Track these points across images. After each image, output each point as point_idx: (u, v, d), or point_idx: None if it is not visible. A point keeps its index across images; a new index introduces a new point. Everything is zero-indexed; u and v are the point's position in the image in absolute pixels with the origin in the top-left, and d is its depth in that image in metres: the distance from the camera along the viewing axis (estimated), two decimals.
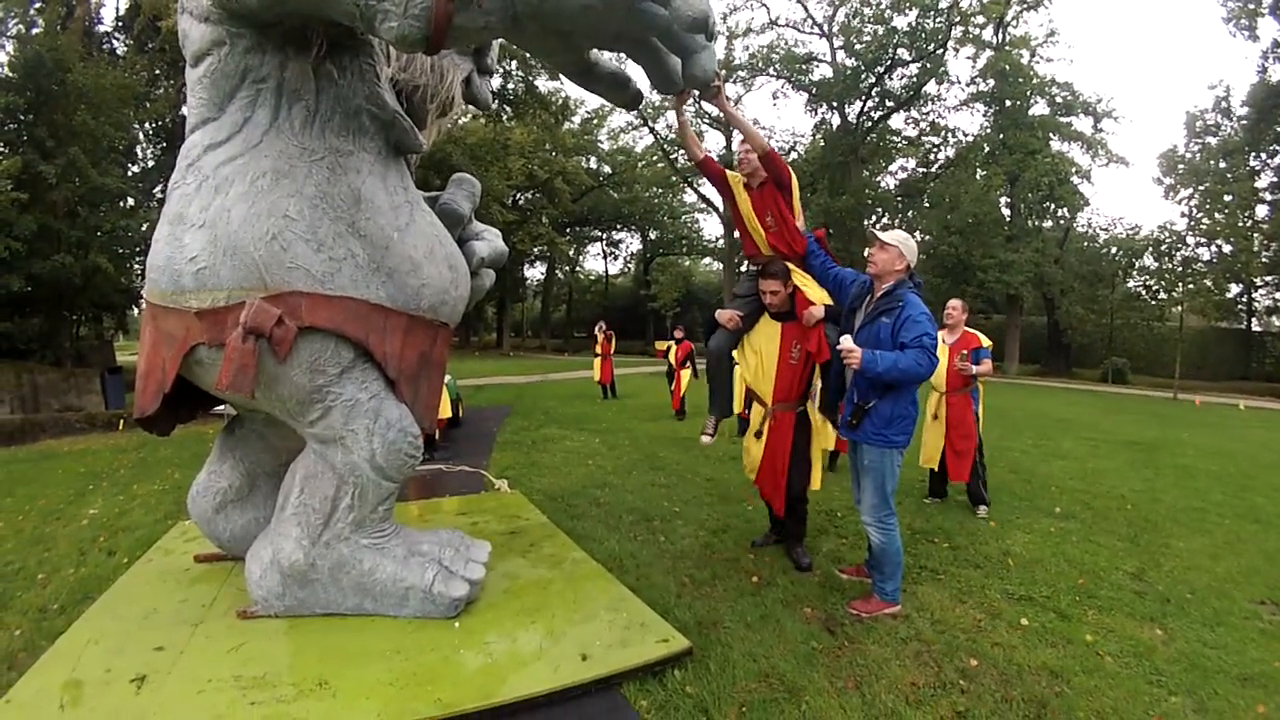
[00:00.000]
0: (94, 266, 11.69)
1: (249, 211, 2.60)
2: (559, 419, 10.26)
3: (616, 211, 39.10)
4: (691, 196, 37.06)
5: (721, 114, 3.73)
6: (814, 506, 5.06)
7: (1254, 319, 26.92)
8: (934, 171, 29.34)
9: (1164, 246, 22.70)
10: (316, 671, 2.55)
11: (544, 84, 24.30)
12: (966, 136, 28.24)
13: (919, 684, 2.71)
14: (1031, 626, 3.26)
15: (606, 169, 38.17)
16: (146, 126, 16.33)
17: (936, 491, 5.58)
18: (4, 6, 13.48)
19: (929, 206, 28.37)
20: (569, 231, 39.27)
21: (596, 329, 13.82)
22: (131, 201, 13.94)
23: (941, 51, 25.86)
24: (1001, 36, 26.42)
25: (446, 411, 7.67)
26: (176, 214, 2.66)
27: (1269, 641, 3.18)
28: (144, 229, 12.29)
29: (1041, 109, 26.23)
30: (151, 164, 16.70)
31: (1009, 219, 26.25)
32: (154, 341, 2.77)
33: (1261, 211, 23.10)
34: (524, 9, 2.25)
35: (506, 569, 3.57)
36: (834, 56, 28.49)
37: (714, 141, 31.84)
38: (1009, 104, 25.89)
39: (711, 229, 41.20)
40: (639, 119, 32.09)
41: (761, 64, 29.24)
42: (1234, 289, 24.19)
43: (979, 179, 26.00)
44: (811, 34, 29.39)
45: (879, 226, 29.17)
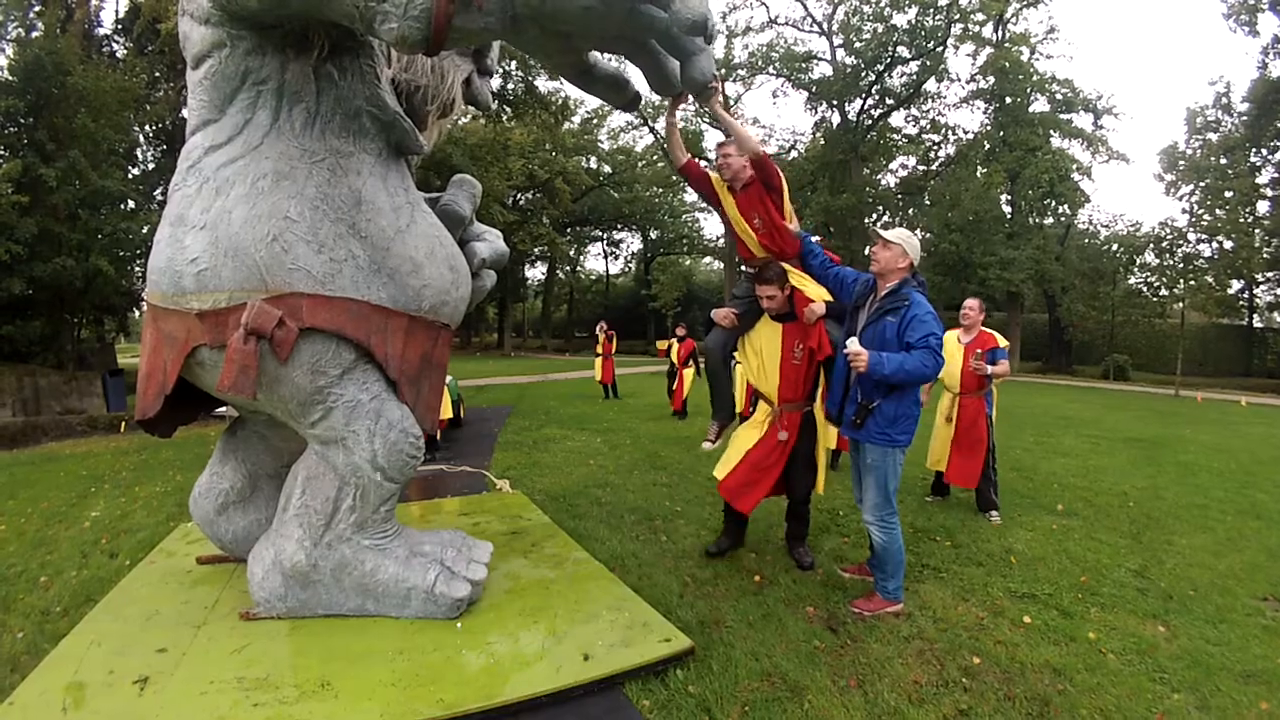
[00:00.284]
0: (95, 269, 11.71)
1: (250, 213, 2.60)
2: (560, 419, 10.26)
3: (617, 211, 39.10)
4: (691, 196, 37.00)
5: (716, 118, 3.72)
6: (816, 505, 5.05)
7: (1255, 315, 26.86)
8: (934, 169, 29.30)
9: (1165, 243, 22.67)
10: (319, 672, 2.56)
11: (544, 84, 24.24)
12: (967, 134, 28.20)
13: (921, 682, 2.71)
14: (1034, 624, 3.25)
15: (607, 169, 38.18)
16: (147, 129, 16.35)
17: (939, 490, 5.50)
18: (4, 9, 13.49)
19: (929, 204, 28.33)
20: (569, 231, 39.30)
21: (597, 329, 13.81)
22: (132, 204, 13.95)
23: (941, 49, 25.82)
24: (1001, 33, 26.37)
25: (448, 412, 7.68)
26: (177, 216, 2.66)
27: (1272, 638, 3.17)
28: (145, 231, 12.31)
29: (1042, 106, 26.18)
30: (152, 166, 16.73)
31: (1010, 216, 26.21)
32: (155, 343, 2.78)
33: (1263, 207, 23.04)
34: (524, 10, 2.25)
35: (508, 569, 3.57)
36: (834, 55, 28.47)
37: (713, 140, 31.79)
38: (1009, 101, 25.83)
39: (712, 228, 41.21)
40: (639, 119, 32.09)
41: (761, 62, 29.20)
42: (1235, 285, 24.11)
43: (979, 176, 25.96)
44: (811, 32, 29.38)
45: (881, 225, 29.17)
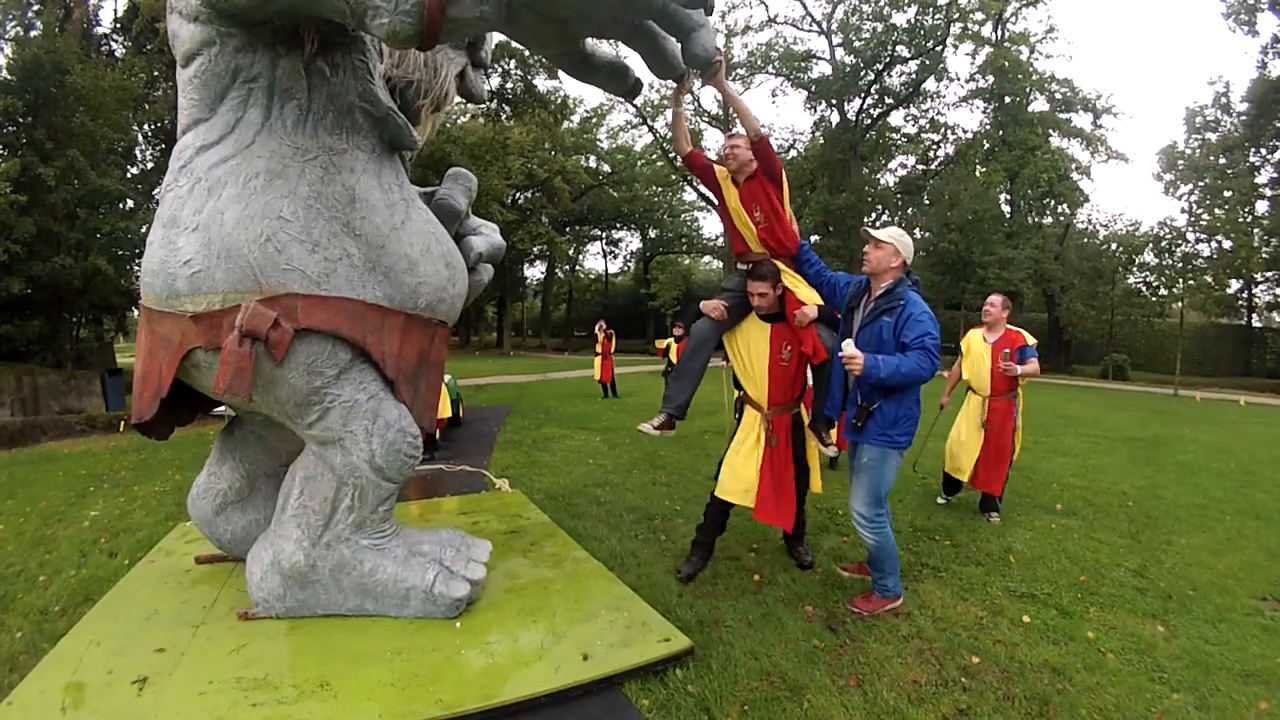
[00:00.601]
0: (94, 268, 11.68)
1: (242, 213, 2.58)
2: (559, 418, 10.25)
3: (616, 210, 39.05)
4: (691, 195, 37.05)
5: (720, 96, 3.64)
6: (815, 505, 5.06)
7: (1254, 315, 26.86)
8: (933, 169, 29.32)
9: (1164, 243, 22.64)
10: (318, 673, 2.55)
11: (543, 83, 24.25)
12: (966, 133, 28.27)
13: (921, 682, 2.71)
14: (1033, 624, 3.25)
15: (606, 168, 38.12)
16: (145, 128, 16.29)
17: (951, 488, 5.30)
18: (2, 8, 13.46)
19: (929, 204, 28.32)
20: (569, 230, 39.24)
21: (597, 328, 13.80)
22: (131, 203, 13.93)
23: (940, 48, 25.83)
24: (1000, 33, 26.39)
25: (446, 411, 7.67)
26: (169, 217, 2.64)
27: (1271, 638, 3.17)
28: (143, 230, 12.26)
29: (1041, 105, 26.22)
30: (151, 165, 16.67)
31: (1009, 216, 26.23)
32: (150, 346, 2.76)
33: (1262, 207, 23.03)
34: None
35: (507, 568, 3.57)
36: (833, 54, 28.46)
37: (712, 139, 31.81)
38: (1008, 100, 25.86)
39: (711, 227, 41.18)
40: (638, 118, 32.08)
41: (760, 62, 29.22)
42: (1234, 285, 24.11)
43: (979, 176, 25.98)
44: (810, 31, 29.38)
45: (880, 224, 29.14)
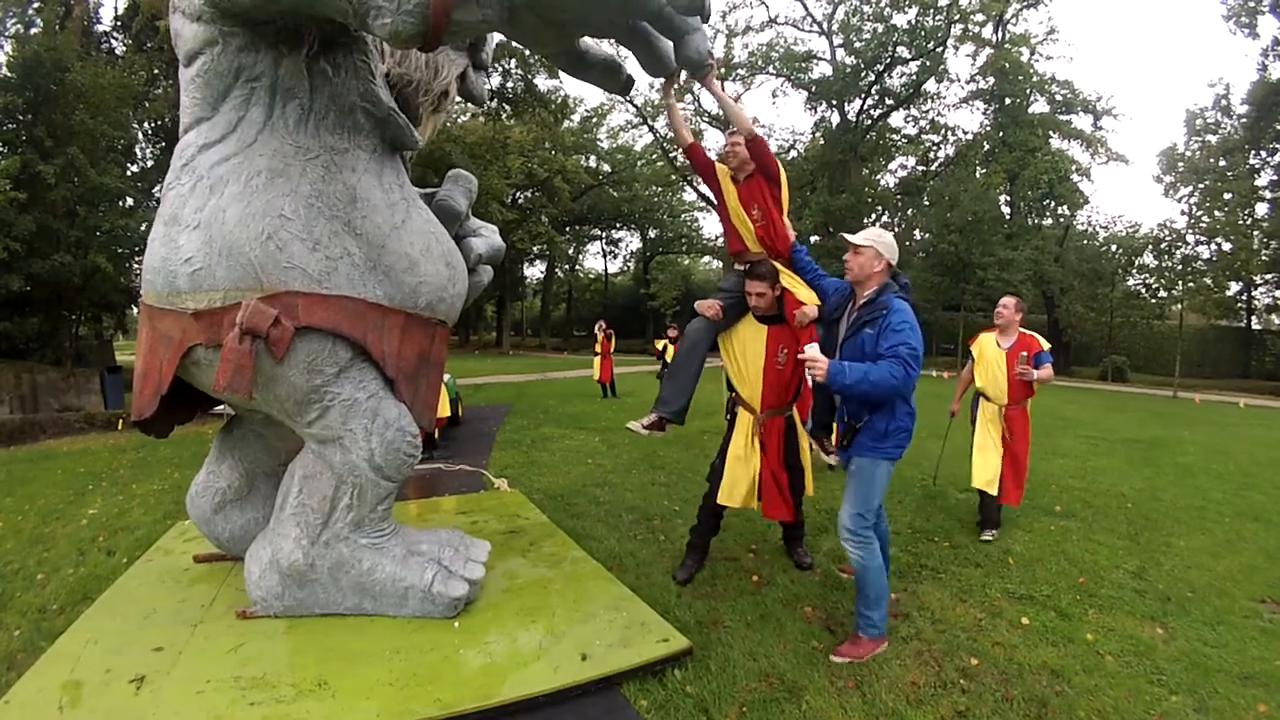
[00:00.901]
0: (93, 266, 11.67)
1: (244, 211, 2.58)
2: (558, 418, 10.25)
3: (616, 210, 39.07)
4: (691, 195, 37.08)
5: (713, 97, 3.64)
6: (815, 506, 5.06)
7: (1254, 317, 26.91)
8: (934, 169, 29.35)
9: (1164, 244, 22.67)
10: (316, 672, 2.55)
11: (543, 82, 24.24)
12: (966, 134, 28.31)
13: (919, 683, 2.71)
14: (1032, 625, 3.25)
15: (606, 167, 38.14)
16: (145, 126, 16.28)
17: (991, 522, 4.65)
18: (3, 6, 13.44)
19: (928, 205, 28.34)
20: (568, 230, 39.25)
21: (596, 328, 13.81)
22: (131, 201, 13.91)
23: (941, 49, 25.86)
24: (1001, 34, 26.41)
25: (446, 410, 7.67)
26: (171, 215, 2.64)
27: (1270, 640, 3.17)
28: (143, 228, 12.24)
29: (1041, 107, 26.25)
30: (150, 163, 16.65)
31: (1009, 217, 26.26)
32: (151, 343, 2.76)
33: (1261, 209, 23.06)
34: (522, 1, 2.24)
35: (506, 568, 3.56)
36: (833, 54, 28.49)
37: (712, 139, 31.81)
38: (1009, 102, 25.89)
39: (711, 228, 41.18)
40: (638, 118, 32.11)
41: (761, 62, 29.24)
42: (1234, 287, 24.12)
43: (979, 177, 26.01)
44: (811, 32, 29.40)
45: (879, 225, 29.07)
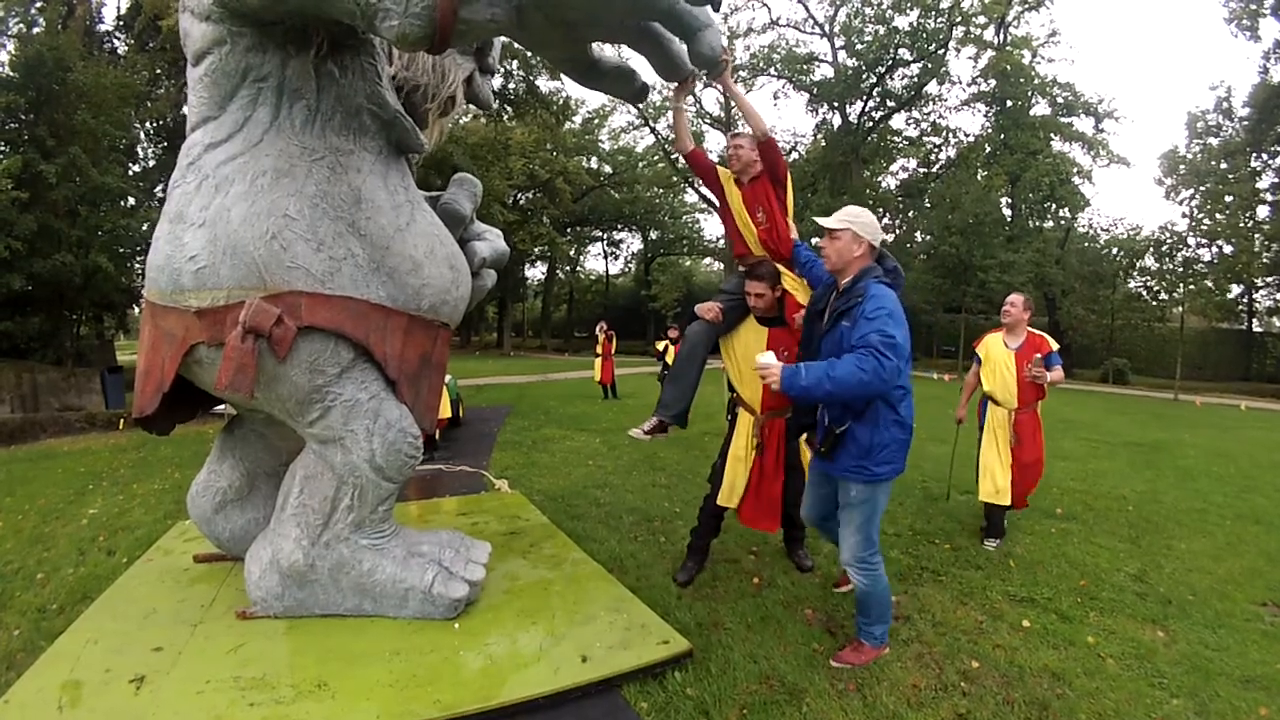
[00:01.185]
0: (94, 266, 11.67)
1: (249, 211, 2.59)
2: (559, 419, 10.25)
3: (617, 211, 39.11)
4: (692, 197, 37.09)
5: (726, 95, 3.62)
6: None
7: (1255, 320, 26.93)
8: (935, 172, 29.39)
9: (1165, 247, 22.67)
10: (316, 673, 2.55)
11: (545, 84, 24.27)
12: (967, 137, 28.37)
13: (920, 686, 2.71)
14: (1033, 628, 3.25)
15: (607, 169, 38.19)
16: (147, 126, 16.32)
17: (996, 531, 4.48)
18: (5, 5, 13.46)
19: (930, 207, 28.35)
20: (570, 231, 39.28)
21: (597, 329, 13.81)
22: (132, 201, 13.92)
23: (943, 52, 25.90)
24: (1003, 37, 26.45)
25: (447, 412, 7.67)
26: (176, 213, 2.65)
27: (1271, 643, 3.17)
28: (144, 228, 12.26)
29: (1043, 109, 26.28)
30: (152, 163, 16.69)
31: (1010, 219, 26.26)
32: (153, 341, 2.77)
33: (1263, 212, 23.09)
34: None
35: (506, 570, 3.56)
36: (835, 56, 28.53)
37: (714, 141, 31.86)
38: (1010, 104, 25.93)
39: (712, 229, 41.21)
40: (640, 119, 32.13)
41: (763, 64, 29.29)
42: (1235, 290, 24.15)
43: (980, 179, 26.02)
44: (813, 34, 29.46)
45: (882, 226, 29.02)
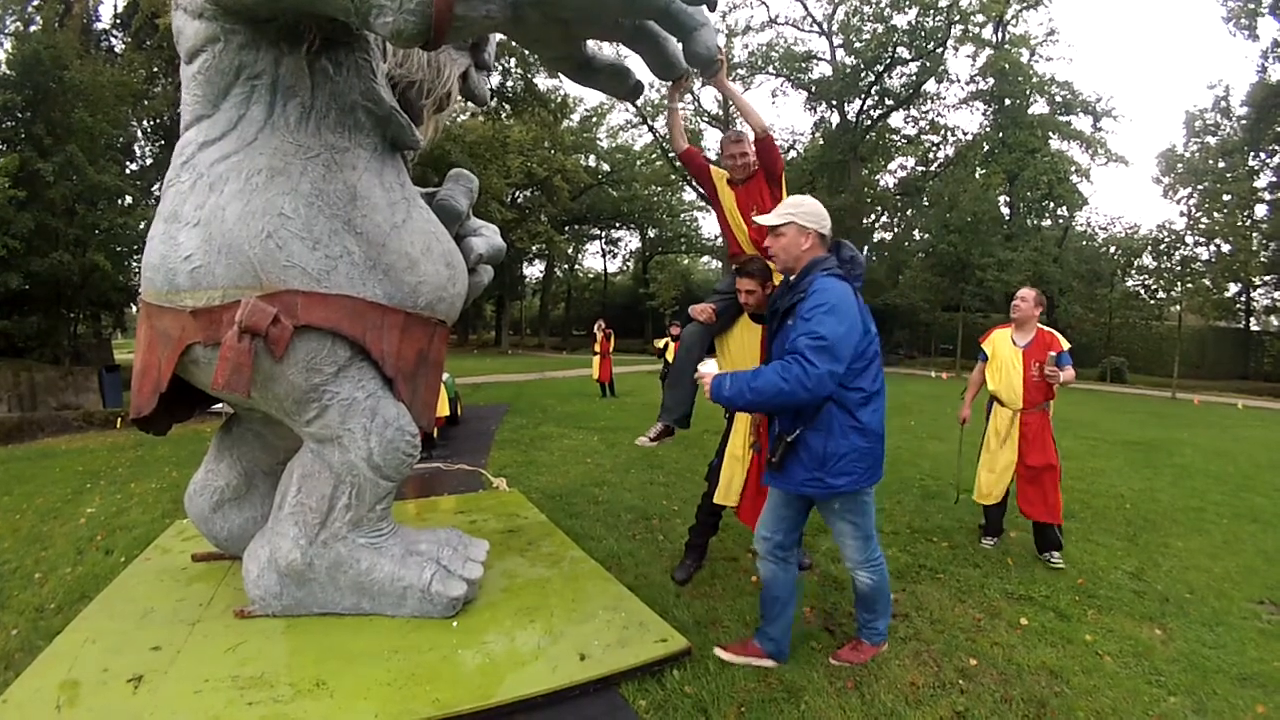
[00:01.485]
0: (92, 264, 11.65)
1: (244, 209, 2.58)
2: (557, 417, 10.25)
3: (615, 209, 39.07)
4: (690, 194, 37.06)
5: (722, 95, 3.61)
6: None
7: (1252, 318, 26.93)
8: (933, 170, 29.38)
9: (1163, 246, 22.67)
10: (314, 671, 2.55)
11: (543, 82, 24.22)
12: (966, 135, 28.35)
13: (918, 684, 2.71)
14: (1031, 626, 3.25)
15: (605, 167, 38.15)
16: (144, 124, 16.27)
17: (993, 529, 4.40)
18: (2, 4, 13.43)
19: (928, 205, 28.36)
20: (568, 229, 39.24)
21: (595, 327, 13.81)
22: (130, 199, 13.89)
23: (941, 50, 25.88)
24: (1001, 35, 26.44)
25: (444, 410, 7.66)
26: (171, 212, 2.64)
27: (1268, 641, 3.18)
28: (142, 227, 12.24)
29: (1041, 108, 26.28)
30: (150, 162, 16.65)
31: (1008, 218, 26.27)
32: (149, 341, 2.76)
33: (1260, 211, 23.13)
34: None
35: (505, 568, 3.56)
36: (833, 55, 28.50)
37: (712, 138, 31.81)
38: (1008, 103, 25.92)
39: (710, 227, 41.12)
40: (638, 118, 32.09)
41: (761, 62, 29.26)
42: (1232, 288, 24.16)
43: (978, 177, 26.00)
44: (811, 32, 29.43)
45: (880, 224, 28.98)
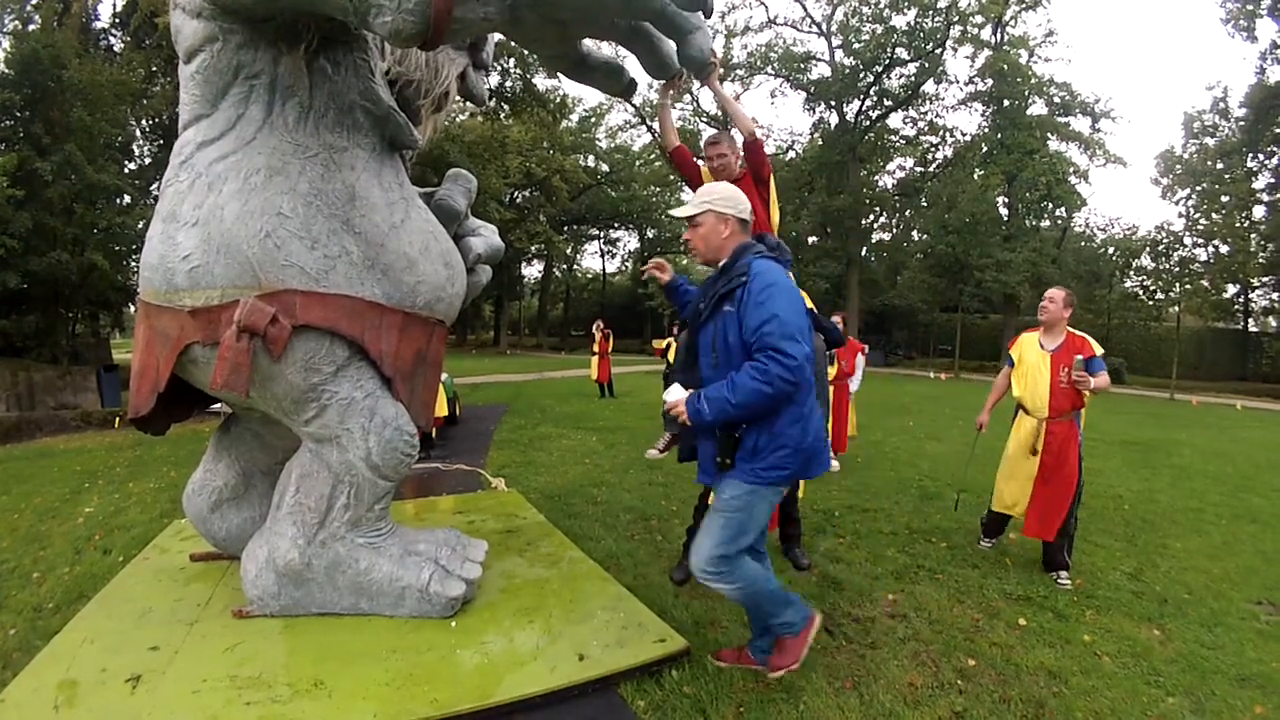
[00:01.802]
0: (90, 264, 11.64)
1: (242, 209, 2.58)
2: (556, 417, 10.24)
3: (614, 210, 39.08)
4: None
5: (715, 96, 3.61)
6: (812, 506, 5.07)
7: (1251, 319, 27.02)
8: (932, 171, 29.35)
9: (1161, 247, 22.68)
10: (312, 671, 2.54)
11: (542, 82, 24.21)
12: (964, 136, 28.29)
13: (917, 684, 2.71)
14: (1029, 626, 3.25)
15: (604, 167, 38.16)
16: (143, 123, 16.26)
17: (994, 530, 4.33)
18: (1, 3, 13.41)
19: (926, 206, 28.38)
20: (566, 230, 39.27)
21: (594, 327, 13.82)
22: (128, 199, 13.89)
23: (940, 51, 25.85)
24: (1000, 36, 26.42)
25: (443, 410, 7.66)
26: (169, 212, 2.64)
27: (1266, 642, 3.18)
28: (140, 226, 12.24)
29: (1039, 109, 26.26)
30: (148, 161, 16.63)
31: (1006, 219, 26.26)
32: (148, 340, 2.75)
33: (1259, 212, 23.19)
34: None
35: (503, 568, 3.56)
36: (832, 55, 28.47)
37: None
38: (1007, 104, 25.90)
39: None
40: (636, 118, 32.07)
41: (760, 63, 29.20)
42: (1231, 289, 24.24)
43: (977, 178, 25.99)
44: (810, 33, 29.36)
45: (879, 225, 28.87)
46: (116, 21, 16.76)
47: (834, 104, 28.74)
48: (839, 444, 6.50)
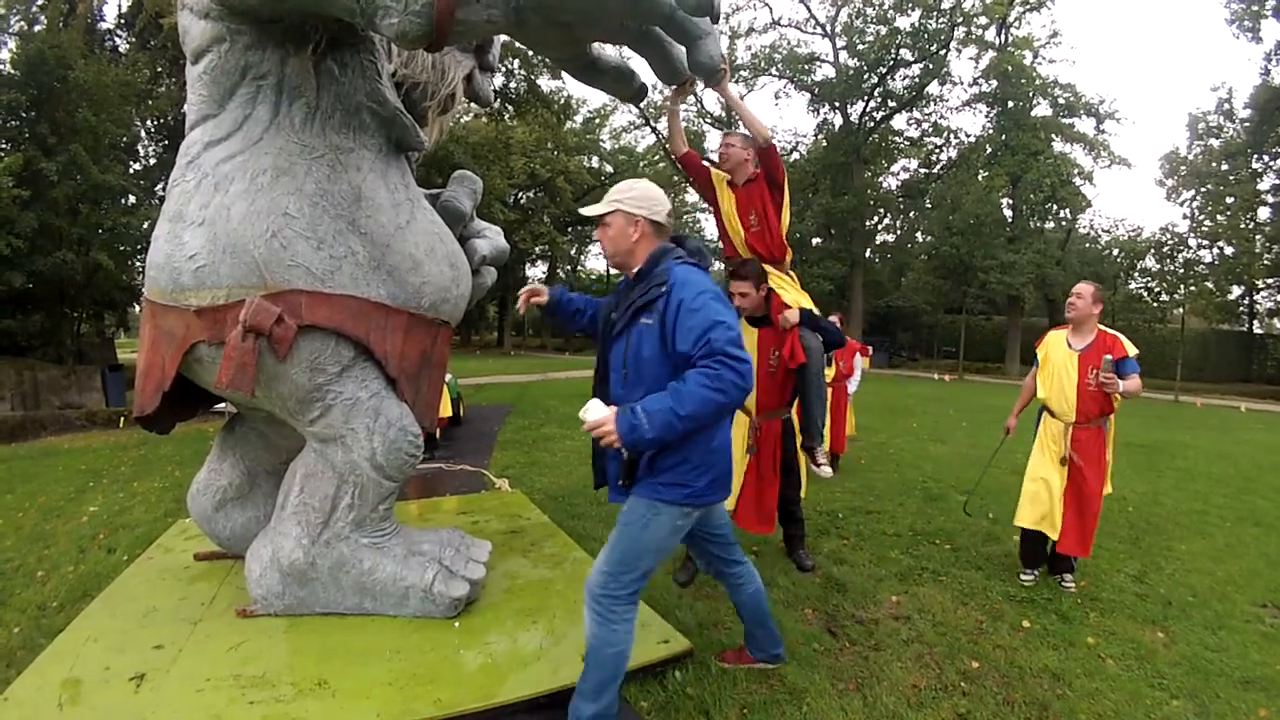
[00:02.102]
0: (95, 264, 11.69)
1: (249, 209, 2.59)
2: (560, 418, 10.25)
3: None
4: (693, 197, 36.99)
5: (725, 102, 3.64)
6: (815, 507, 5.06)
7: (1256, 321, 26.88)
8: (936, 172, 29.31)
9: (1166, 248, 22.66)
10: (316, 671, 2.55)
11: (546, 83, 24.25)
12: (969, 137, 28.22)
13: (920, 686, 2.71)
14: (1033, 628, 3.25)
15: (608, 168, 38.16)
16: (148, 124, 16.32)
17: (1032, 559, 3.88)
18: (7, 3, 13.47)
19: (930, 207, 28.35)
20: (571, 230, 39.22)
21: None
22: (133, 199, 13.93)
23: (944, 52, 25.81)
24: (1004, 37, 26.37)
25: (447, 410, 7.66)
26: (176, 212, 2.65)
27: (1270, 645, 3.17)
28: (145, 226, 12.29)
29: (1044, 110, 26.19)
30: (153, 161, 16.69)
31: (1011, 220, 26.20)
32: (153, 340, 2.77)
33: (1264, 214, 23.03)
34: (527, 1, 2.24)
35: (507, 568, 3.56)
36: (836, 57, 28.45)
37: (715, 141, 31.81)
38: (1011, 105, 25.84)
39: (712, 229, 41.09)
40: (640, 119, 32.07)
41: (764, 64, 29.19)
42: (1236, 291, 24.13)
43: (981, 180, 25.95)
44: (814, 34, 29.34)
45: (883, 226, 28.78)
46: (122, 22, 16.83)
47: (838, 105, 28.70)
48: (837, 445, 6.49)
